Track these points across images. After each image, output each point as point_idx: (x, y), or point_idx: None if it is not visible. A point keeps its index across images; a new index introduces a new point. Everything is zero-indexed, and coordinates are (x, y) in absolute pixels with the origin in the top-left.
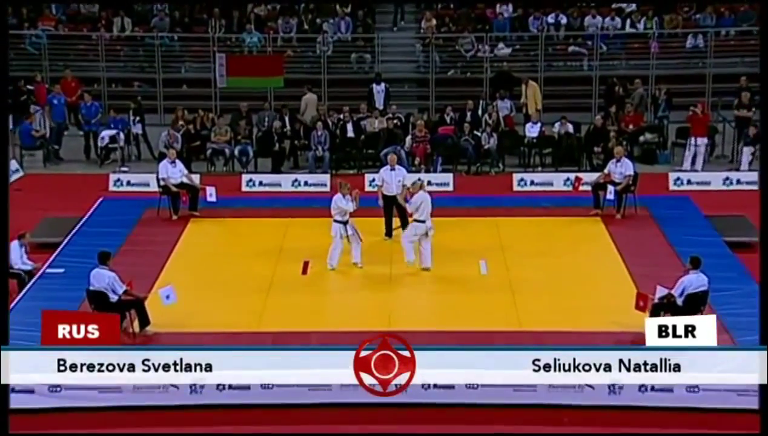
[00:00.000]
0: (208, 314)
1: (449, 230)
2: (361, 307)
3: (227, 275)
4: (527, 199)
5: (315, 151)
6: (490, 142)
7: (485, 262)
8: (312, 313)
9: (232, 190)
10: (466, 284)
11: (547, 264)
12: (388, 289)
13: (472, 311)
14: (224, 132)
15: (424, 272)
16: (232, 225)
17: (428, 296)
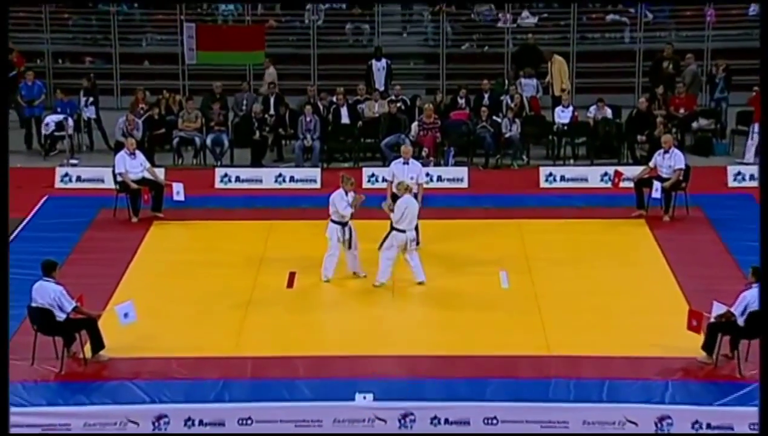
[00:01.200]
0: (175, 335)
1: (463, 234)
2: (358, 327)
3: (198, 288)
4: (556, 197)
5: (303, 141)
6: (512, 130)
7: (506, 273)
8: (299, 334)
9: (203, 187)
10: (483, 299)
11: (580, 276)
12: (390, 305)
13: (491, 332)
14: (194, 118)
15: (433, 286)
16: (203, 229)
17: (438, 315)
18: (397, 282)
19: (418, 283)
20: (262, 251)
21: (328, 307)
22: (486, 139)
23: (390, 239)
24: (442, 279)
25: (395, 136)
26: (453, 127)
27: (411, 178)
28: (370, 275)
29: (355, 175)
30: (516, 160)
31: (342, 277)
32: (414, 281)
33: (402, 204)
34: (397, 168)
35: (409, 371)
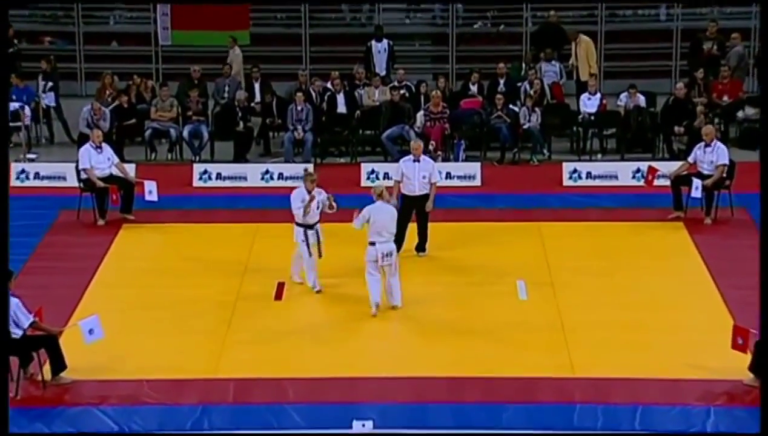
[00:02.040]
0: (147, 354)
1: (475, 239)
2: (355, 345)
3: (173, 301)
4: (582, 197)
5: (293, 133)
6: (531, 120)
7: (524, 283)
8: (288, 353)
9: (179, 186)
10: (498, 313)
11: (609, 287)
12: (392, 320)
13: (507, 351)
14: (169, 106)
15: (440, 298)
16: (179, 233)
17: (446, 331)
18: None
19: (391, 307)
20: (246, 259)
21: (322, 322)
22: (501, 131)
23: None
24: (450, 290)
25: (398, 128)
26: (464, 117)
27: (423, 177)
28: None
29: (353, 171)
30: (535, 154)
31: (337, 288)
32: (425, 297)
33: (366, 213)
34: (407, 166)
35: (414, 394)
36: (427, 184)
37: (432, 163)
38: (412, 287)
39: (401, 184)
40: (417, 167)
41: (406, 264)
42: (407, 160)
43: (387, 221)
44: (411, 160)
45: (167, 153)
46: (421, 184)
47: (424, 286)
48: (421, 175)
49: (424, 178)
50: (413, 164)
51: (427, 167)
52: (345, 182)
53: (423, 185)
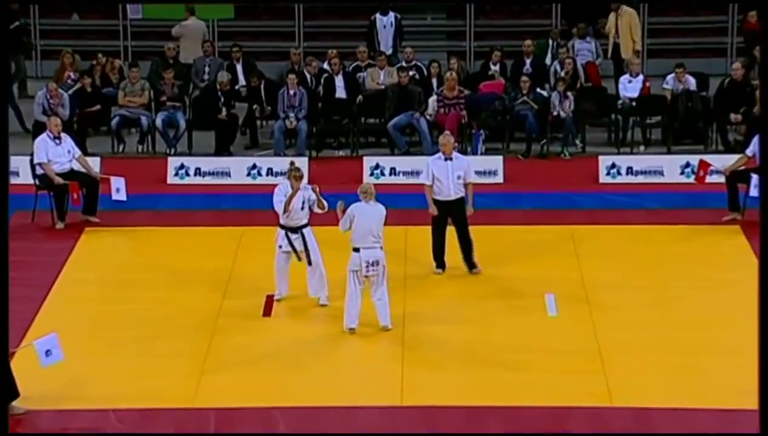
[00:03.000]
0: (114, 380)
1: (496, 245)
2: (356, 369)
3: (144, 317)
4: (621, 196)
5: (284, 121)
6: (562, 107)
7: (554, 297)
8: (278, 378)
9: (152, 183)
10: (523, 331)
11: (653, 301)
12: (398, 340)
13: (533, 376)
14: (139, 90)
15: (455, 314)
16: (152, 238)
17: (461, 353)
18: (410, 307)
19: (381, 327)
20: (229, 268)
21: (317, 341)
22: (527, 119)
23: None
24: (467, 305)
25: (407, 116)
26: (483, 102)
27: (458, 177)
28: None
29: (354, 166)
30: (567, 146)
31: (334, 302)
32: (439, 313)
33: (351, 212)
34: (437, 167)
35: (425, 426)
36: (462, 185)
37: (466, 160)
38: (421, 301)
39: (431, 188)
40: (449, 167)
41: (428, 281)
42: (437, 159)
43: (372, 223)
44: (441, 159)
45: (137, 145)
46: (456, 185)
47: (434, 300)
48: (455, 176)
49: (459, 179)
50: (444, 164)
51: (461, 166)
52: (345, 179)
53: (458, 187)
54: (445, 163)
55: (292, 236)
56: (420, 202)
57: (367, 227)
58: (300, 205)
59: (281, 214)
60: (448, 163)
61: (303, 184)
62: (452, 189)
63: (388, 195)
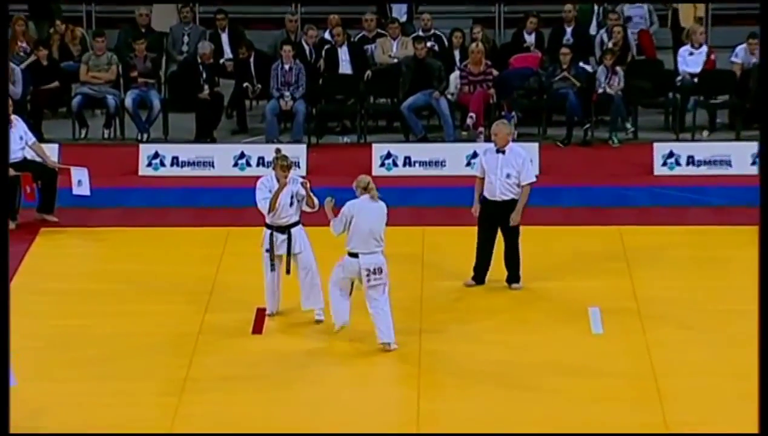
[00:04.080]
0: (74, 408)
1: (530, 249)
2: (361, 395)
3: (111, 335)
4: (680, 191)
5: (278, 101)
6: (610, 84)
7: (599, 311)
8: (269, 406)
9: (120, 175)
10: (563, 351)
11: (717, 316)
12: (408, 360)
13: (575, 403)
14: (106, 64)
15: (481, 331)
16: (120, 240)
17: (489, 374)
18: (426, 324)
19: (380, 344)
20: (213, 275)
21: (315, 363)
22: (568, 99)
23: (338, 268)
24: (495, 319)
25: (424, 95)
26: (515, 79)
27: (507, 175)
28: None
29: (362, 155)
30: (616, 131)
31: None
32: (458, 330)
33: (347, 211)
34: (488, 159)
35: None
36: (513, 185)
37: (523, 155)
38: (442, 315)
39: (481, 183)
40: (500, 160)
41: (438, 287)
42: (490, 150)
43: (374, 224)
44: (493, 152)
45: (103, 129)
46: (504, 185)
47: (457, 314)
48: (503, 173)
49: (509, 178)
50: (495, 157)
51: (514, 162)
52: (350, 170)
53: (506, 187)
54: (496, 156)
55: (278, 237)
56: (439, 198)
57: (368, 230)
58: (288, 200)
59: (266, 213)
60: (498, 156)
61: (291, 177)
62: (498, 189)
63: (401, 190)
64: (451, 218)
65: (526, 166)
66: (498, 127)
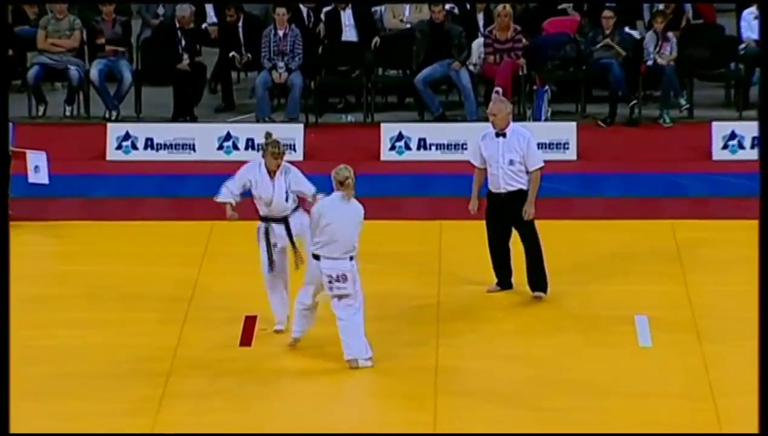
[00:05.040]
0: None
1: (567, 247)
2: (372, 420)
3: (69, 348)
4: (742, 178)
5: (270, 73)
6: (661, 53)
7: (647, 319)
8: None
9: (85, 159)
10: (606, 366)
11: None
12: (430, 378)
13: (623, 428)
14: (68, 29)
15: (509, 343)
16: (83, 236)
17: (520, 394)
18: (440, 339)
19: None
20: (194, 278)
21: (311, 378)
22: (612, 71)
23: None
24: (524, 330)
25: (442, 66)
26: (549, 47)
27: (510, 162)
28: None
29: (369, 136)
30: (668, 108)
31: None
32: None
33: (317, 214)
34: (487, 145)
35: None
36: (519, 173)
37: (527, 136)
38: (461, 325)
39: (480, 172)
40: (500, 146)
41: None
42: (488, 133)
43: (346, 230)
44: (492, 135)
45: (65, 105)
46: (507, 173)
47: (478, 325)
48: (506, 160)
49: (512, 165)
50: (495, 142)
51: (517, 145)
52: (354, 154)
53: (511, 176)
54: (496, 141)
55: (274, 228)
56: (459, 187)
57: (341, 236)
58: (282, 195)
59: (265, 201)
60: (499, 141)
61: (284, 167)
62: (502, 179)
63: (415, 177)
64: None
65: (532, 148)
66: (496, 106)
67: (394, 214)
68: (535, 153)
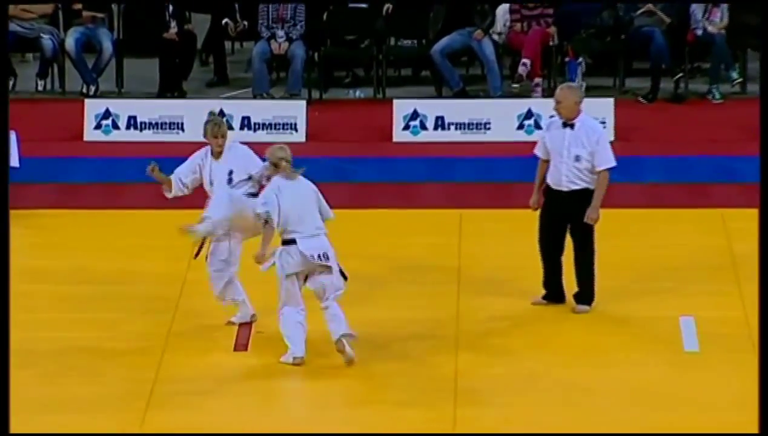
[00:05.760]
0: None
1: (606, 239)
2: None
3: (46, 351)
4: None
5: (269, 42)
6: (710, 20)
7: (693, 321)
8: None
9: (60, 140)
10: (647, 375)
11: None
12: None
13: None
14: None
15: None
16: (58, 226)
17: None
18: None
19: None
20: (182, 273)
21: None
22: (653, 40)
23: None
24: (558, 327)
25: (462, 35)
26: (583, 13)
27: (576, 158)
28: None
29: (379, 114)
30: (718, 82)
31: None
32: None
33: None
34: (554, 137)
35: None
36: (585, 171)
37: (599, 132)
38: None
39: (546, 164)
40: (566, 138)
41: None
42: (553, 122)
43: (301, 209)
44: (558, 125)
45: (37, 79)
46: (571, 170)
47: (502, 325)
48: (571, 155)
49: (578, 162)
50: (560, 133)
51: (586, 140)
52: (363, 134)
53: (575, 173)
54: (562, 132)
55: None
56: (481, 171)
57: (302, 208)
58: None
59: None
60: (566, 132)
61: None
62: (565, 175)
63: (431, 160)
64: (498, 197)
65: (603, 145)
66: (562, 92)
67: (407, 203)
68: (607, 151)
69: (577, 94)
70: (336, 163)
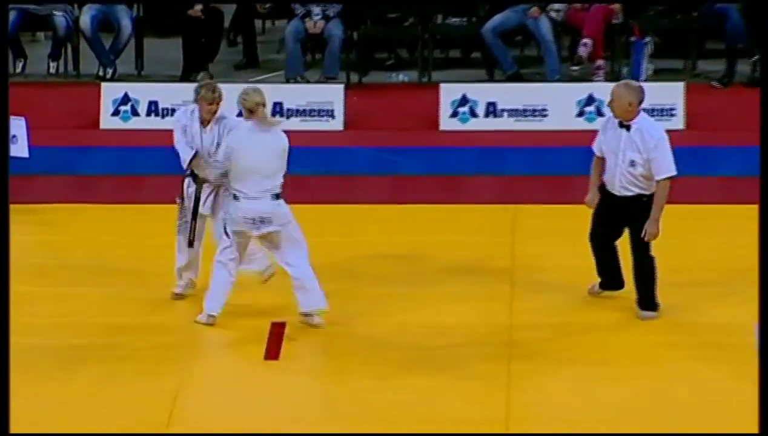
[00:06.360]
0: None
1: (672, 236)
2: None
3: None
4: None
5: (303, 20)
6: None
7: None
8: None
9: (74, 127)
10: (716, 385)
11: None
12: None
13: None
14: None
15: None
16: (71, 221)
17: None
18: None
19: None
20: (206, 272)
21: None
22: (729, 17)
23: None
24: (621, 338)
25: (515, 13)
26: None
27: (631, 163)
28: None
29: (425, 99)
30: None
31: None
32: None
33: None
34: (610, 137)
35: None
36: (640, 178)
37: (657, 137)
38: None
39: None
40: (622, 140)
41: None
42: (610, 120)
43: (259, 159)
44: (615, 124)
45: (49, 61)
46: (624, 175)
47: (560, 330)
48: (626, 159)
49: (633, 167)
50: (616, 134)
51: (641, 145)
52: (407, 121)
53: (628, 179)
54: (618, 132)
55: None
56: (537, 163)
57: (248, 167)
58: (212, 148)
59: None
60: (621, 134)
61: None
62: (618, 180)
63: (482, 151)
64: (555, 192)
65: (661, 152)
66: (618, 90)
67: (455, 197)
68: (665, 159)
69: (634, 94)
70: (376, 154)
